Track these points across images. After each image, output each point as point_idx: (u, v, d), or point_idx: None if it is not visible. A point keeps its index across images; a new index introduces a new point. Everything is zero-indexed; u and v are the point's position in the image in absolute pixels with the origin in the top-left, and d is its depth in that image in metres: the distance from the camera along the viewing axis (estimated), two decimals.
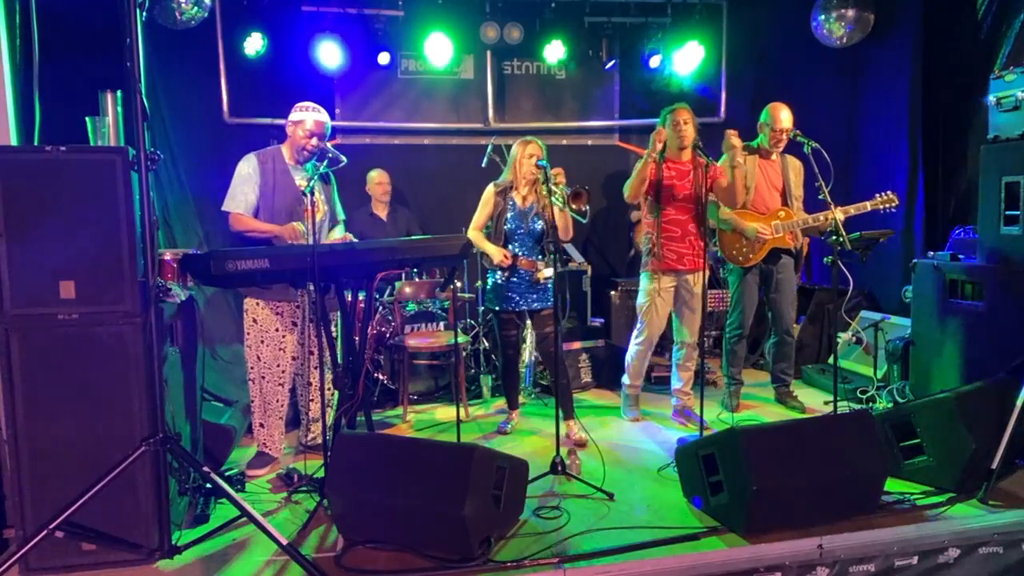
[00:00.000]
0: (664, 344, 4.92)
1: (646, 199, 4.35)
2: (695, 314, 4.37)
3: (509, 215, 4.05)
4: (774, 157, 4.53)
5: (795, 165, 4.56)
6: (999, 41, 4.78)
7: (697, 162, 4.27)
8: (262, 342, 3.70)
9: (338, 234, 3.92)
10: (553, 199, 3.77)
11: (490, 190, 4.11)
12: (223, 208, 3.66)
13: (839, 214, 4.14)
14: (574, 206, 3.83)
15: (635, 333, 4.51)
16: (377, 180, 5.70)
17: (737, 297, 4.62)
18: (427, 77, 6.30)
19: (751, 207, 4.50)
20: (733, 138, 4.08)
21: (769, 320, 4.74)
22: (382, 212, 5.75)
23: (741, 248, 4.50)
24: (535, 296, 4.10)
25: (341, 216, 4.02)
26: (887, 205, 4.29)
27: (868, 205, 4.29)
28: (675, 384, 4.55)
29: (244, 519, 2.84)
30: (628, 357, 4.56)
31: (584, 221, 4.14)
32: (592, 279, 5.93)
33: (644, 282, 4.41)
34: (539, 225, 4.09)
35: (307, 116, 3.68)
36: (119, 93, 2.98)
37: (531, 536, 2.97)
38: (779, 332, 4.66)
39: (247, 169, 3.66)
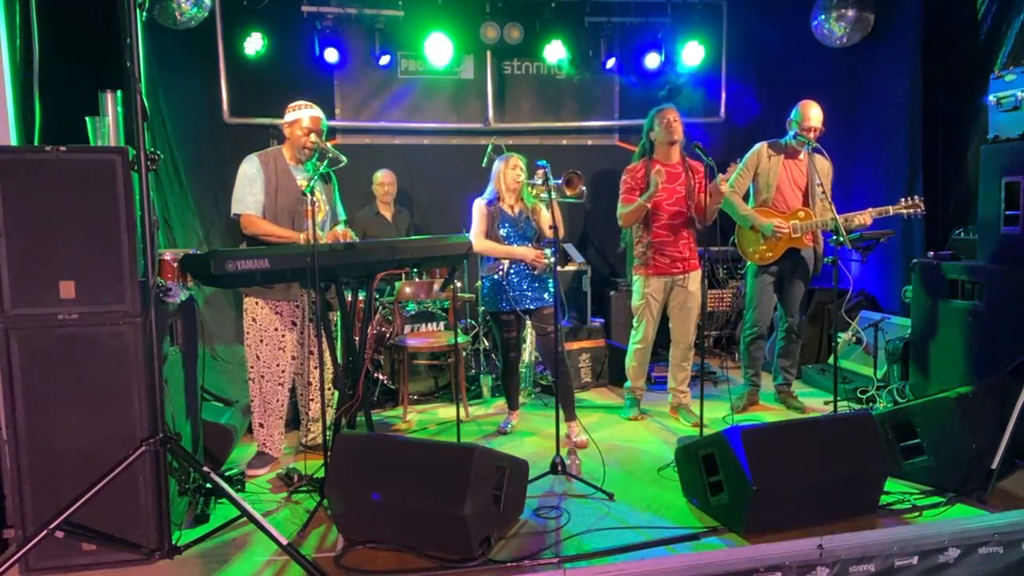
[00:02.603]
0: (664, 343, 4.92)
1: None
2: (691, 314, 4.38)
3: (502, 223, 4.11)
4: (801, 156, 4.46)
5: (824, 165, 4.47)
6: (999, 41, 4.78)
7: (688, 163, 4.31)
8: (261, 341, 3.70)
9: (339, 230, 3.88)
10: (552, 195, 3.77)
11: (480, 204, 4.17)
12: (233, 212, 3.65)
13: (866, 217, 4.14)
14: (569, 192, 3.87)
15: (632, 334, 4.54)
16: (380, 180, 5.70)
17: (751, 296, 4.62)
18: (427, 77, 6.29)
19: (772, 205, 4.47)
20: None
21: (776, 317, 4.73)
22: (387, 212, 5.75)
23: (759, 246, 4.49)
24: (533, 293, 4.11)
25: (342, 216, 4.01)
26: (912, 210, 4.21)
27: (891, 209, 4.23)
28: (671, 383, 4.57)
29: (244, 519, 2.84)
30: (628, 359, 4.57)
31: (582, 201, 4.16)
32: (592, 279, 5.94)
33: (636, 284, 4.45)
34: (530, 226, 4.16)
35: (302, 114, 3.68)
36: (119, 93, 2.98)
37: (531, 536, 2.97)
38: (786, 329, 4.66)
39: (251, 169, 3.66)
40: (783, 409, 4.68)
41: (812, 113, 4.35)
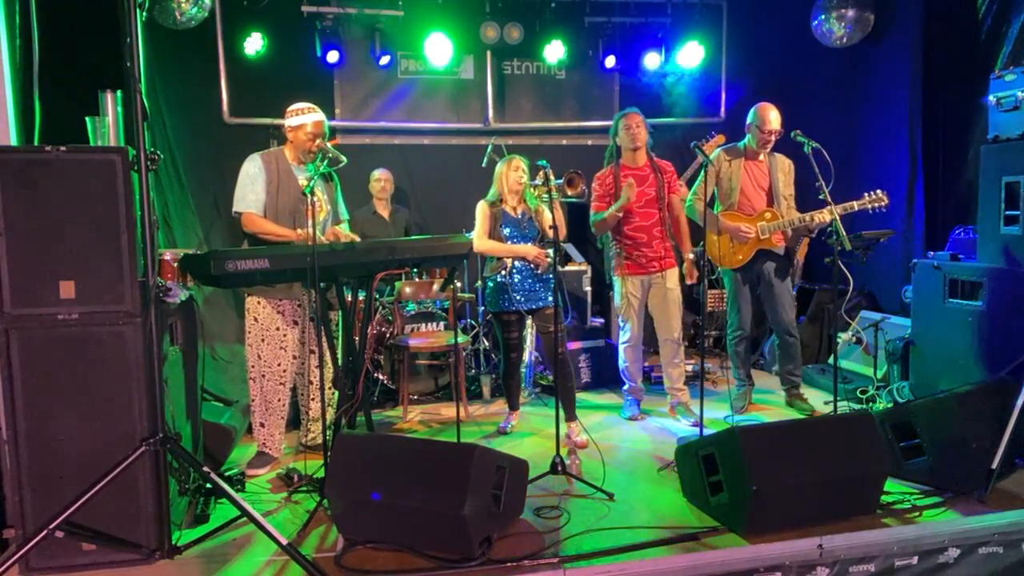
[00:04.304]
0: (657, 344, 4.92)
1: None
2: (671, 309, 4.41)
3: (504, 223, 4.11)
4: (762, 157, 4.48)
5: (784, 164, 4.50)
6: (999, 41, 4.78)
7: (656, 164, 4.37)
8: (263, 340, 3.70)
9: (337, 229, 3.88)
10: (553, 195, 3.78)
11: (483, 205, 4.18)
12: (234, 210, 3.65)
13: (827, 215, 4.14)
14: (571, 192, 3.88)
15: (620, 336, 4.57)
16: (377, 176, 5.71)
17: (731, 298, 4.64)
18: (427, 77, 6.30)
19: (737, 209, 4.48)
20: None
21: (768, 321, 4.73)
22: (384, 211, 5.75)
23: (727, 250, 4.50)
24: (535, 293, 4.12)
25: (345, 216, 4.01)
26: (876, 204, 4.19)
27: (855, 205, 4.20)
28: (667, 383, 4.58)
29: (244, 519, 2.84)
30: (620, 361, 4.59)
31: (582, 200, 4.17)
32: (592, 279, 5.94)
33: (616, 285, 4.49)
34: (533, 227, 4.17)
35: (307, 119, 3.68)
36: (119, 93, 2.98)
37: (531, 536, 2.97)
38: (779, 333, 4.65)
39: (253, 168, 3.66)
40: (783, 409, 4.67)
41: (771, 116, 4.36)
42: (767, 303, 4.60)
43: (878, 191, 4.21)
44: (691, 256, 4.44)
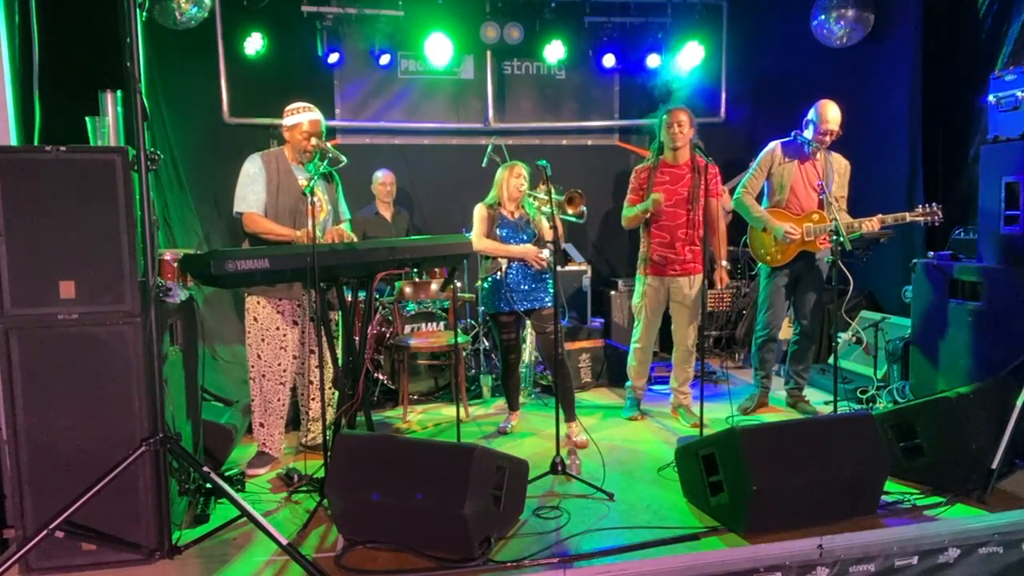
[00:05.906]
0: (667, 345, 4.92)
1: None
2: (687, 318, 4.36)
3: (500, 225, 4.12)
4: (817, 156, 4.37)
5: (840, 165, 4.41)
6: (999, 41, 4.77)
7: (697, 164, 4.27)
8: (263, 340, 3.70)
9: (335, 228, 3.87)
10: (553, 210, 3.78)
11: (481, 207, 4.18)
12: (235, 211, 3.65)
13: (876, 223, 4.12)
14: (570, 211, 3.88)
15: (633, 333, 4.54)
16: (381, 180, 5.71)
17: (764, 297, 4.57)
18: (427, 77, 6.30)
19: (786, 208, 4.40)
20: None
21: (791, 319, 4.71)
22: (387, 213, 5.75)
23: (770, 248, 4.44)
24: (532, 294, 4.11)
25: (346, 216, 4.00)
26: (929, 218, 4.13)
27: (907, 216, 4.15)
28: (672, 383, 4.58)
29: (244, 519, 2.84)
30: (629, 358, 4.57)
31: (582, 221, 4.15)
32: (592, 279, 5.94)
33: (637, 283, 4.46)
34: (530, 232, 4.17)
35: (302, 118, 3.68)
36: (119, 93, 2.99)
37: (531, 536, 2.97)
38: (800, 333, 4.61)
39: (253, 169, 3.67)
40: (788, 411, 4.66)
41: (830, 115, 4.27)
42: (798, 302, 4.55)
43: (934, 204, 4.15)
44: (725, 264, 4.37)
